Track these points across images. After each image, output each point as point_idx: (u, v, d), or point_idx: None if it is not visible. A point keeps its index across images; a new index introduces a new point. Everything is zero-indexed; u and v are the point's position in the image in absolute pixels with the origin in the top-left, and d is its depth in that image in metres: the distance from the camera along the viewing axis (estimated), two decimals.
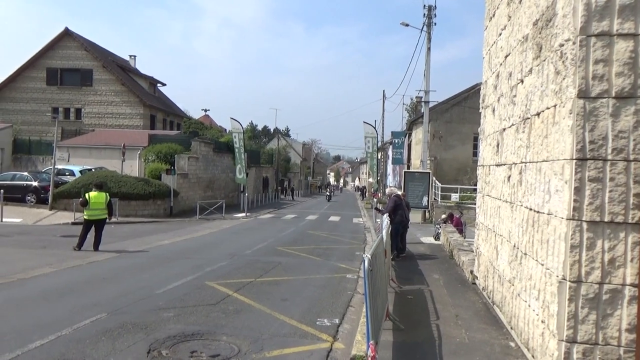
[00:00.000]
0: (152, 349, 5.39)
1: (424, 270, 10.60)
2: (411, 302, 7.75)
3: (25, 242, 13.42)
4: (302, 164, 79.66)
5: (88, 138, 33.15)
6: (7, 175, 23.76)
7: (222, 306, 7.29)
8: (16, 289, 8.08)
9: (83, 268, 10.20)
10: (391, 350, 5.37)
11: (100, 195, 12.48)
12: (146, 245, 13.67)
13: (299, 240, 16.30)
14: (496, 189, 7.40)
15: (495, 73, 7.86)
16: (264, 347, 5.57)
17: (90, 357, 5.09)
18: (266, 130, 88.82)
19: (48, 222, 18.54)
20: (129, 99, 38.37)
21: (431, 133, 26.56)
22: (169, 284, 8.61)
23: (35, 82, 38.18)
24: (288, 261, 11.75)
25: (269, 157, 52.19)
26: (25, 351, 5.18)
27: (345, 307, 7.60)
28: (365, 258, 4.23)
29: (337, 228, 21.41)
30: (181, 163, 26.09)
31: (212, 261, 11.24)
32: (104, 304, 7.20)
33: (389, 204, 12.48)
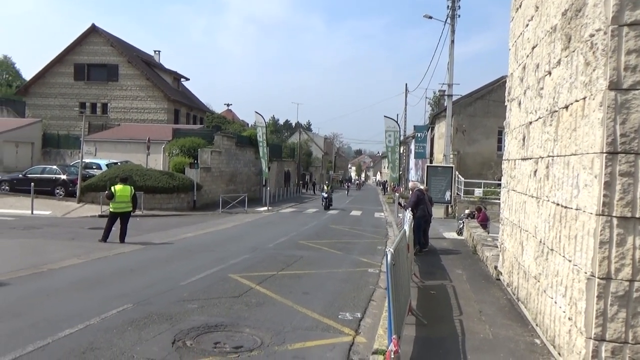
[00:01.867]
0: (176, 339, 5.48)
1: (446, 265, 10.50)
2: (434, 297, 7.69)
3: (55, 234, 13.79)
4: (324, 158, 79.69)
5: (114, 132, 33.80)
6: (37, 168, 24.44)
7: (245, 299, 7.36)
8: (46, 279, 8.32)
9: (110, 259, 10.43)
10: (413, 345, 5.34)
11: (125, 188, 12.72)
12: (170, 238, 13.90)
13: (320, 234, 16.33)
14: (522, 184, 7.26)
15: (521, 65, 7.69)
16: (286, 339, 5.61)
17: (117, 346, 5.21)
18: (288, 125, 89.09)
19: (76, 214, 19.01)
20: (153, 93, 38.94)
21: (454, 127, 26.20)
22: (192, 276, 8.74)
23: (63, 78, 39.05)
24: (310, 255, 11.79)
25: (291, 152, 52.34)
26: (55, 339, 5.33)
27: (367, 301, 7.60)
28: (388, 252, 4.20)
29: (358, 222, 21.38)
30: (204, 157, 26.37)
31: (234, 254, 11.36)
32: (130, 294, 7.35)
33: (411, 199, 12.39)
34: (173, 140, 28.38)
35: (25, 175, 22.71)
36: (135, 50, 43.18)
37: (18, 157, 32.71)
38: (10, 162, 31.96)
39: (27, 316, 6.12)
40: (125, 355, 4.97)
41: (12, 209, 18.72)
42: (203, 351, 5.16)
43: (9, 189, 22.57)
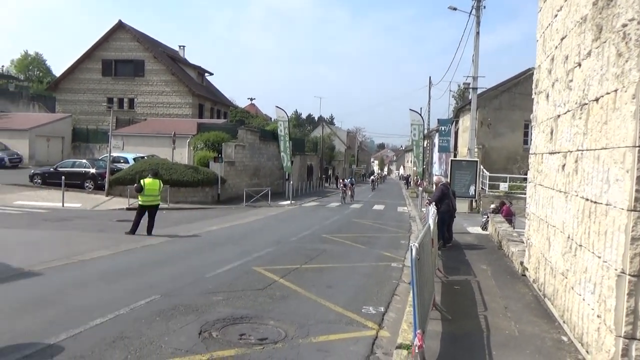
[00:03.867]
0: (203, 330, 5.59)
1: (471, 260, 10.40)
2: (458, 292, 7.64)
3: (85, 226, 14.17)
4: (347, 152, 79.51)
5: (140, 127, 34.44)
6: (67, 162, 25.11)
7: (269, 291, 7.45)
8: (78, 270, 8.57)
9: (138, 251, 10.68)
10: (438, 340, 5.33)
11: (154, 182, 12.97)
12: (196, 231, 14.13)
13: (343, 228, 16.35)
14: (549, 178, 7.13)
15: (549, 57, 7.52)
16: (310, 332, 5.66)
17: (146, 336, 5.34)
18: (310, 119, 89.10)
19: (105, 207, 19.48)
20: (178, 88, 39.49)
21: (479, 120, 25.78)
22: (218, 269, 8.88)
23: (91, 74, 39.95)
24: (333, 249, 11.83)
25: (314, 146, 52.41)
26: (87, 328, 5.50)
27: (390, 295, 7.60)
28: (413, 247, 4.20)
29: (381, 216, 21.32)
30: (228, 151, 26.65)
31: (258, 247, 11.48)
32: (158, 286, 7.52)
33: (435, 193, 12.29)
34: (198, 135, 28.78)
35: (56, 169, 23.38)
36: (160, 45, 43.80)
37: (49, 151, 33.69)
38: (42, 156, 32.95)
39: (61, 305, 6.34)
40: (154, 344, 5.10)
41: (44, 201, 19.30)
42: (229, 342, 5.25)
43: (41, 182, 23.29)
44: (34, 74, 63.34)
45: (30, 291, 7.04)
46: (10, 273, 8.03)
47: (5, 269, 8.30)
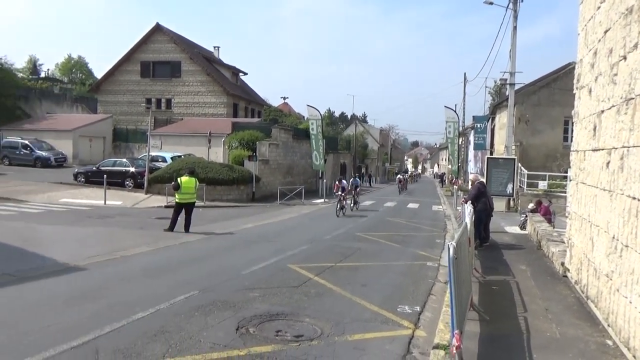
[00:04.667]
0: (240, 326, 5.69)
1: (509, 260, 10.17)
2: (496, 293, 7.49)
3: (126, 223, 14.64)
4: (380, 150, 78.97)
5: (177, 126, 35.25)
6: (108, 161, 25.99)
7: (304, 289, 7.51)
8: (120, 266, 8.87)
9: (176, 248, 10.96)
10: (476, 341, 5.25)
11: (190, 180, 13.27)
12: (231, 228, 14.37)
13: (377, 226, 16.29)
14: (592, 176, 6.89)
15: (592, 50, 7.26)
16: (345, 330, 5.68)
17: (185, 330, 5.48)
18: (343, 117, 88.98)
19: (144, 205, 20.05)
20: (213, 88, 40.19)
21: (517, 117, 25.10)
22: (253, 266, 9.02)
23: (130, 75, 41.15)
24: (367, 247, 11.81)
25: (347, 144, 52.33)
26: (130, 321, 5.69)
27: (426, 295, 7.53)
28: (450, 246, 4.15)
29: (416, 215, 21.10)
30: (262, 150, 26.94)
31: (293, 245, 11.58)
32: (196, 282, 7.69)
33: (471, 191, 12.07)
34: (232, 134, 29.21)
35: (98, 168, 24.22)
36: (196, 46, 44.67)
37: (92, 150, 34.95)
38: (84, 155, 34.21)
39: (105, 299, 6.58)
40: (193, 339, 5.23)
41: (87, 199, 20.04)
42: (265, 338, 5.33)
43: (84, 180, 24.18)
44: (77, 76, 65.74)
45: (76, 285, 7.34)
46: (58, 268, 8.40)
47: (53, 264, 8.68)
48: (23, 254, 9.51)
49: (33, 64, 64.30)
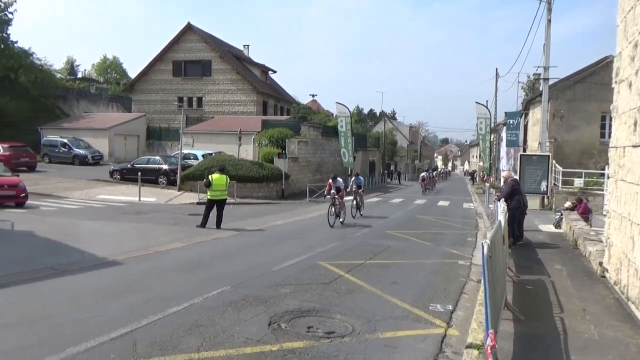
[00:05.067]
0: (272, 321, 5.76)
1: (544, 259, 9.93)
2: (531, 292, 7.33)
3: (159, 219, 15.00)
4: (409, 148, 78.30)
5: (208, 124, 35.82)
6: (142, 159, 26.68)
7: (335, 286, 7.53)
8: (155, 260, 9.11)
9: (208, 244, 11.16)
10: (511, 341, 5.15)
11: (221, 177, 13.48)
12: (262, 225, 14.53)
13: (407, 224, 16.17)
14: (633, 173, 6.66)
15: (632, 43, 7.01)
16: (377, 328, 5.67)
17: (219, 324, 5.59)
18: (372, 114, 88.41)
19: (177, 201, 20.49)
20: (243, 86, 40.61)
21: (551, 112, 24.41)
22: (284, 262, 9.10)
23: (163, 75, 41.99)
24: (397, 245, 11.74)
25: (375, 141, 52.10)
26: (165, 315, 5.85)
27: (458, 293, 7.44)
28: (485, 244, 4.09)
29: (446, 213, 20.85)
30: (291, 147, 27.10)
31: (322, 242, 11.62)
32: (228, 277, 7.83)
33: (504, 189, 11.84)
34: (262, 131, 29.47)
35: (133, 166, 24.89)
36: (226, 45, 45.22)
37: (126, 148, 35.92)
38: (119, 153, 35.17)
39: (142, 293, 6.77)
40: (226, 333, 5.33)
41: (123, 196, 20.62)
42: (297, 334, 5.38)
43: (119, 177, 24.90)
44: (112, 76, 67.62)
45: (114, 279, 7.58)
46: (96, 262, 8.69)
47: (92, 258, 8.99)
48: (64, 248, 9.88)
49: (71, 65, 66.48)
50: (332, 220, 14.60)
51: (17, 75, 40.59)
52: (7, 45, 38.58)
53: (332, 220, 14.62)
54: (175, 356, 4.66)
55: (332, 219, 14.58)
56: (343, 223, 15.09)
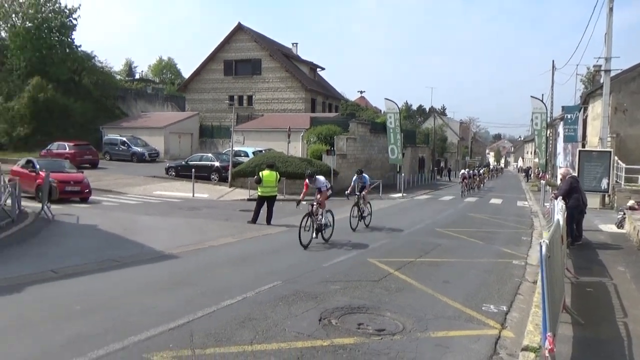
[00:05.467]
0: (322, 317, 5.82)
1: (605, 261, 9.46)
2: (591, 295, 7.02)
3: (212, 215, 15.46)
4: (459, 144, 76.52)
5: (258, 122, 36.49)
6: (196, 156, 27.60)
7: (384, 283, 7.51)
8: (209, 255, 9.42)
9: (259, 239, 11.41)
10: (570, 345, 4.96)
11: (271, 174, 13.72)
12: None
13: (458, 222, 15.83)
14: None
15: None
16: (428, 327, 5.61)
17: (271, 318, 5.71)
18: (421, 110, 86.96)
19: (228, 197, 21.03)
20: (292, 84, 41.04)
21: (612, 106, 23.10)
22: (333, 259, 9.16)
23: (215, 74, 43.14)
24: (448, 243, 11.53)
25: (425, 137, 51.25)
26: (219, 308, 6.04)
27: (513, 294, 7.22)
28: (543, 243, 3.96)
29: (499, 211, 20.23)
30: (340, 144, 27.13)
31: (372, 239, 11.59)
32: (279, 272, 7.97)
33: (562, 186, 11.36)
34: (311, 129, 29.68)
35: (187, 163, 25.80)
36: (275, 44, 45.82)
37: (180, 146, 37.24)
38: (174, 151, 36.52)
39: (197, 286, 7.03)
40: (278, 327, 5.44)
41: (177, 192, 21.41)
42: (347, 331, 5.42)
43: (174, 174, 25.89)
44: (167, 76, 70.26)
45: (171, 272, 7.90)
46: (154, 255, 9.10)
47: (150, 251, 9.41)
48: (124, 241, 10.40)
49: (129, 67, 69.58)
50: (307, 238, 10.30)
51: (80, 78, 42.98)
52: (72, 49, 40.92)
53: (307, 237, 10.33)
54: (229, 347, 4.81)
55: (306, 237, 10.27)
56: (328, 240, 11.09)
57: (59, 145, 29.81)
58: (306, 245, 10.16)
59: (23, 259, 8.70)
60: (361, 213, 13.41)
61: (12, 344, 4.74)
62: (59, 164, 19.21)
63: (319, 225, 10.91)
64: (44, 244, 10.14)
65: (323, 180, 11.70)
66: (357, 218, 13.25)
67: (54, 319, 5.46)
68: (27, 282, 7.02)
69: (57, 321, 5.41)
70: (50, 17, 39.02)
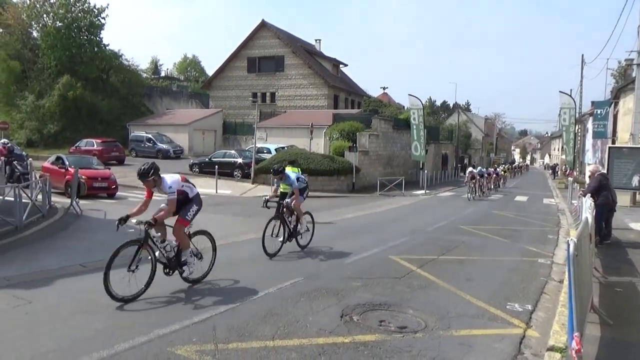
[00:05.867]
0: (344, 313, 5.83)
1: (635, 260, 9.20)
2: (620, 295, 6.84)
3: (235, 211, 15.61)
4: (484, 140, 75.35)
5: (281, 119, 36.62)
6: (219, 153, 27.89)
7: (407, 280, 7.46)
8: (231, 250, 9.51)
9: None
10: (597, 346, 4.85)
11: (293, 170, 13.74)
12: (332, 218, 14.67)
13: (482, 219, 15.61)
14: None
15: None
16: (450, 325, 5.56)
17: (292, 314, 5.74)
18: (445, 106, 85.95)
19: (251, 194, 21.19)
20: (314, 81, 41.05)
21: None
22: (355, 256, 9.14)
23: (238, 71, 43.48)
24: (471, 240, 11.39)
25: (449, 133, 50.66)
26: (242, 303, 6.10)
27: (538, 293, 7.09)
28: (571, 242, 3.87)
29: (524, 209, 19.87)
30: (362, 140, 27.03)
31: (394, 236, 11.53)
32: (300, 269, 8.00)
33: (591, 183, 11.10)
34: (333, 125, 29.65)
35: (210, 159, 26.11)
36: (298, 40, 45.88)
37: (204, 143, 37.69)
38: (198, 147, 36.98)
39: (220, 281, 7.12)
40: (299, 323, 5.46)
41: (201, 188, 21.30)
42: (369, 327, 5.41)
43: (198, 170, 26.24)
44: (192, 74, 71.18)
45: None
46: None
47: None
48: None
49: (155, 65, 70.71)
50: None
51: (108, 76, 43.88)
52: (100, 48, 41.79)
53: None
54: (251, 342, 4.85)
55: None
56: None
57: (87, 142, 30.54)
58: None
59: (53, 252, 8.96)
60: (289, 230, 9.32)
61: (42, 337, 4.89)
62: (87, 161, 19.69)
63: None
64: (72, 238, 10.41)
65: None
66: (277, 238, 9.10)
67: (82, 312, 5.60)
68: (57, 275, 7.23)
69: (85, 314, 5.55)
70: (79, 16, 39.91)
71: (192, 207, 6.96)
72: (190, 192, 7.06)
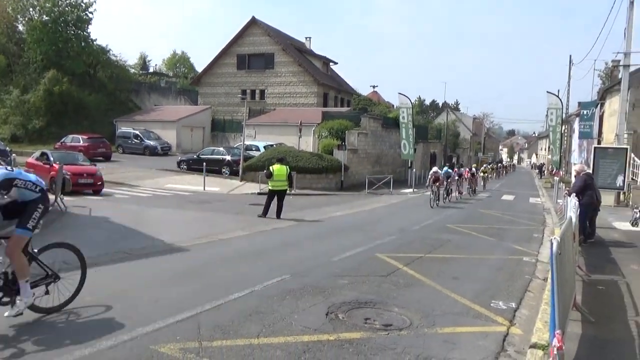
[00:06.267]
0: (330, 311, 5.82)
1: (618, 259, 9.33)
2: (602, 293, 6.92)
3: (223, 208, 15.54)
4: (472, 139, 75.87)
5: (270, 116, 36.51)
6: (207, 150, 27.74)
7: (393, 278, 7.48)
8: (218, 248, 9.47)
9: (269, 233, 11.43)
10: (578, 343, 4.91)
11: (282, 168, 13.74)
12: (320, 216, 14.67)
13: (469, 218, 15.72)
14: None
15: None
16: (435, 322, 5.58)
17: (278, 312, 5.72)
18: (434, 105, 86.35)
19: (239, 191, 21.11)
20: (304, 78, 40.98)
21: (631, 102, 22.69)
22: (342, 253, 9.14)
23: (227, 68, 43.24)
24: (458, 239, 11.46)
25: (437, 132, 50.89)
26: (227, 300, 6.06)
27: (522, 291, 7.15)
28: (554, 240, 3.90)
29: (511, 207, 20.05)
30: (351, 139, 27.06)
31: (381, 234, 11.56)
32: (287, 266, 7.98)
33: (576, 183, 11.22)
34: (322, 123, 29.65)
35: (198, 156, 25.95)
36: (288, 38, 45.76)
37: (192, 140, 37.44)
38: (186, 144, 36.72)
39: (205, 278, 7.07)
40: (285, 321, 5.44)
41: (189, 185, 21.53)
42: (354, 325, 5.41)
43: (186, 167, 26.08)
44: (181, 70, 70.61)
45: (180, 265, 7.95)
46: (165, 248, 9.16)
47: (161, 244, 9.48)
48: (136, 234, 10.49)
49: (143, 60, 70.01)
50: None
51: (95, 71, 43.37)
52: (87, 43, 41.29)
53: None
54: (236, 340, 4.83)
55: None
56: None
57: (73, 138, 30.18)
58: None
59: None
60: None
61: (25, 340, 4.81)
62: (73, 157, 19.44)
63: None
64: (56, 235, 10.25)
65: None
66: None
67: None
68: None
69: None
70: (66, 10, 39.37)
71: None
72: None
